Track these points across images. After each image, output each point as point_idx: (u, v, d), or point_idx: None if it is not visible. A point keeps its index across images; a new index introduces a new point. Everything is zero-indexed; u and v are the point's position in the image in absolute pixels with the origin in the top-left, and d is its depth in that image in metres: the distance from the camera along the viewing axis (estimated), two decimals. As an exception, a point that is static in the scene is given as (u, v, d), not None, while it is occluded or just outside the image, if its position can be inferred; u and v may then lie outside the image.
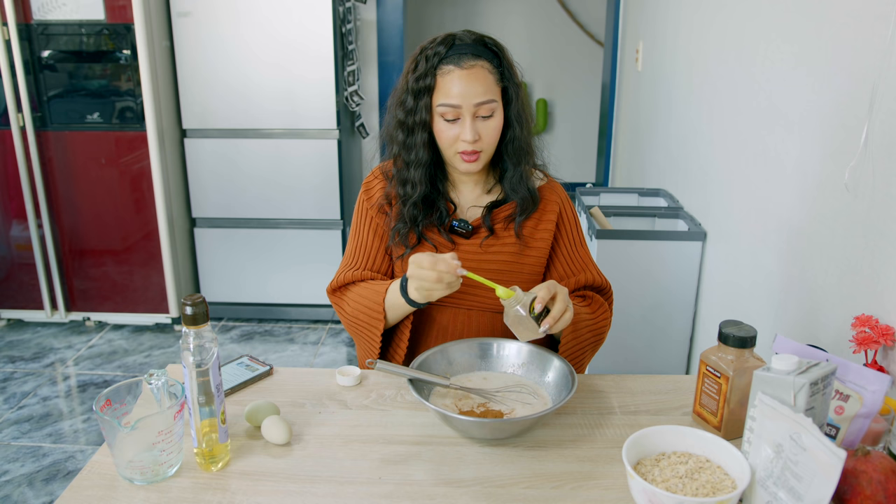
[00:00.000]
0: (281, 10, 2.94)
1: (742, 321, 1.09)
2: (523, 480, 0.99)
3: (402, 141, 1.29)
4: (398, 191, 1.32)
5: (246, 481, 0.98)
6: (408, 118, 1.27)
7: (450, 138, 1.24)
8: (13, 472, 2.21)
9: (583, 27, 5.06)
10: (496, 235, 1.33)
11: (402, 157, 1.31)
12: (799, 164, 1.50)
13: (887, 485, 0.82)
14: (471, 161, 1.25)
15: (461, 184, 1.36)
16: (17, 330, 3.24)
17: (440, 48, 1.22)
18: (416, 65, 1.24)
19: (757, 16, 1.78)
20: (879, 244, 1.17)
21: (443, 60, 1.22)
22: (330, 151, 3.11)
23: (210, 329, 0.96)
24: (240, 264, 3.28)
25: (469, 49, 1.22)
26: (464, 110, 1.21)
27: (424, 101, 1.24)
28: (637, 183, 3.15)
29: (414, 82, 1.24)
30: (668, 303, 2.20)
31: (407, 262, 1.31)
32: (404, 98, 1.27)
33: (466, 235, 1.33)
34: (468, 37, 1.24)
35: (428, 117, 1.25)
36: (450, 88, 1.21)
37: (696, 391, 1.12)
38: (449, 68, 1.21)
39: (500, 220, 1.34)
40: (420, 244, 1.32)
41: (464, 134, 1.22)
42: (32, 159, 2.97)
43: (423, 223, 1.31)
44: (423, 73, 1.23)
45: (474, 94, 1.20)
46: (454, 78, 1.21)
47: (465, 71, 1.20)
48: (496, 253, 1.33)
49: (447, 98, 1.21)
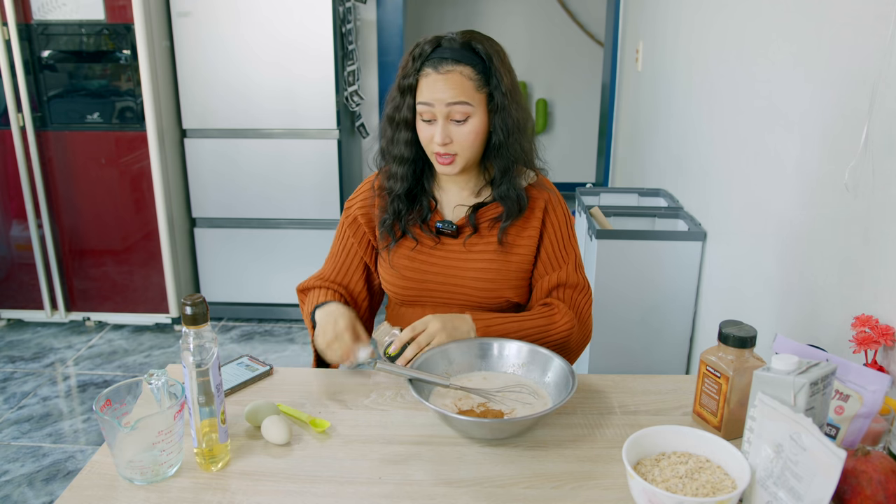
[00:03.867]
0: (281, 10, 2.94)
1: (742, 321, 1.09)
2: (523, 480, 0.99)
3: (389, 136, 1.32)
4: (384, 183, 1.35)
5: (246, 481, 0.98)
6: (394, 114, 1.30)
7: (425, 139, 1.27)
8: (13, 472, 2.21)
9: (583, 27, 5.06)
10: (480, 234, 1.34)
11: (388, 152, 1.34)
12: (799, 164, 1.50)
13: (887, 485, 0.82)
14: (445, 164, 1.27)
15: (448, 183, 1.37)
16: (17, 330, 3.24)
17: (426, 48, 1.25)
18: (406, 63, 1.27)
19: (757, 16, 1.78)
20: (879, 244, 1.17)
21: (425, 62, 1.24)
22: (330, 151, 3.11)
23: (210, 329, 0.96)
24: (240, 264, 3.28)
25: (451, 54, 1.22)
26: (436, 111, 1.23)
27: (408, 100, 1.27)
28: (637, 183, 3.15)
29: (401, 79, 1.27)
30: (667, 303, 2.20)
31: (393, 253, 1.36)
32: (394, 94, 1.30)
33: (454, 235, 1.34)
34: (456, 40, 1.24)
35: (411, 115, 1.28)
36: (425, 90, 1.23)
37: (696, 391, 1.12)
38: (427, 71, 1.23)
39: (486, 220, 1.34)
40: (404, 237, 1.35)
41: (435, 136, 1.24)
42: (32, 159, 2.97)
43: (407, 218, 1.34)
44: (408, 72, 1.25)
45: (446, 97, 1.22)
46: (430, 81, 1.23)
47: (440, 75, 1.22)
48: (480, 252, 1.34)
49: (422, 98, 1.24)
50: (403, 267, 1.35)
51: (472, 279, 1.33)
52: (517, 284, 1.36)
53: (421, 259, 1.35)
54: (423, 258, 1.35)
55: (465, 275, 1.33)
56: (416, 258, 1.35)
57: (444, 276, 1.34)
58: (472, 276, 1.33)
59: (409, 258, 1.35)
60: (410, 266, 1.35)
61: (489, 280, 1.33)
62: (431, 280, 1.35)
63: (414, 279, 1.35)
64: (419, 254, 1.35)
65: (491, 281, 1.33)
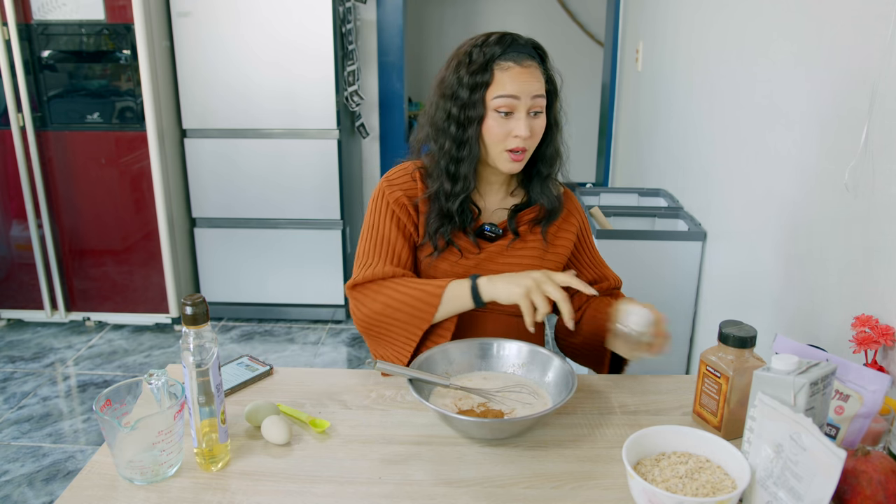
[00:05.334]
0: (281, 10, 2.94)
1: (742, 321, 1.09)
2: (523, 480, 0.99)
3: (454, 135, 1.26)
4: (444, 187, 1.28)
5: (246, 481, 0.98)
6: (462, 112, 1.24)
7: (500, 134, 1.23)
8: (13, 472, 2.21)
9: (583, 27, 5.06)
10: (521, 238, 1.35)
11: (451, 153, 1.27)
12: (799, 164, 1.50)
13: (887, 485, 0.82)
14: (517, 160, 1.25)
15: (487, 186, 1.35)
16: (17, 330, 3.24)
17: (496, 48, 1.22)
18: (471, 60, 1.23)
19: (757, 15, 1.78)
20: (879, 244, 1.17)
21: (500, 56, 1.22)
22: (330, 151, 3.11)
23: (210, 329, 0.96)
24: (240, 264, 3.28)
25: (526, 50, 1.23)
26: (521, 103, 1.21)
27: (480, 95, 1.23)
28: (637, 183, 3.15)
29: (469, 76, 1.22)
30: (668, 303, 2.20)
31: (433, 265, 1.31)
32: (457, 91, 1.24)
33: (494, 239, 1.33)
34: (522, 38, 1.25)
35: (483, 112, 1.24)
36: (508, 82, 1.21)
37: (696, 391, 1.12)
38: (508, 64, 1.21)
39: (525, 223, 1.35)
40: (447, 248, 1.31)
41: (518, 128, 1.22)
42: (32, 159, 2.97)
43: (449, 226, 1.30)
44: (481, 67, 1.22)
45: (532, 90, 1.21)
46: (514, 73, 1.21)
47: (523, 68, 1.21)
48: (520, 256, 1.34)
49: (506, 90, 1.21)
50: (445, 273, 1.32)
51: None
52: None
53: (464, 264, 1.32)
54: (466, 263, 1.32)
55: None
56: (458, 264, 1.32)
57: None
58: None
59: (452, 264, 1.31)
60: (452, 272, 1.32)
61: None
62: None
63: None
64: (463, 260, 1.32)
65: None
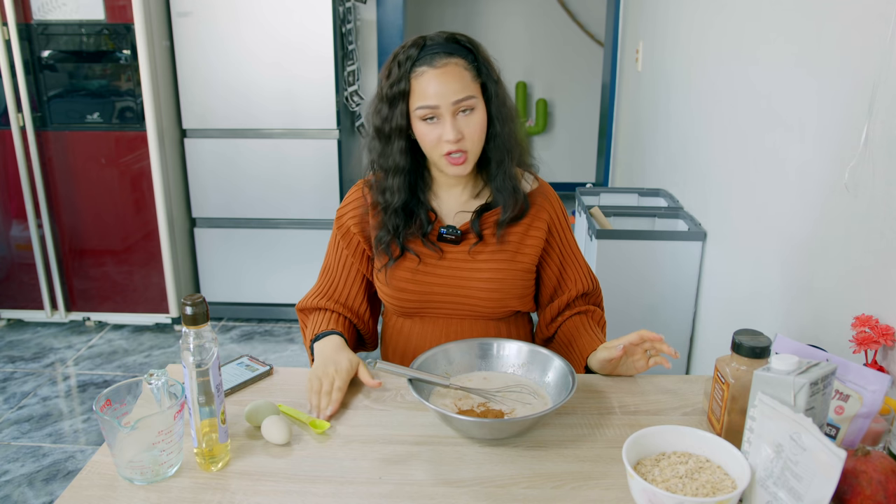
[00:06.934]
0: (281, 10, 2.94)
1: (756, 329, 1.06)
2: (523, 480, 0.99)
3: (379, 149, 1.27)
4: (378, 199, 1.30)
5: (246, 481, 0.98)
6: (384, 125, 1.24)
7: (432, 140, 1.21)
8: (13, 472, 2.21)
9: (583, 27, 5.06)
10: (485, 242, 1.30)
11: (379, 165, 1.29)
12: (799, 164, 1.50)
13: (887, 485, 0.82)
14: (458, 163, 1.22)
15: (445, 190, 1.33)
16: (17, 330, 3.24)
17: (412, 51, 1.20)
18: (390, 72, 1.22)
19: (757, 16, 1.78)
20: (879, 244, 1.17)
21: (415, 63, 1.19)
22: (330, 151, 3.11)
23: (210, 329, 0.96)
24: (240, 264, 3.28)
25: (441, 48, 1.20)
26: (442, 110, 1.19)
27: (400, 108, 1.22)
28: (637, 183, 3.15)
29: (388, 89, 1.22)
30: (667, 303, 2.20)
31: (393, 270, 1.31)
32: (379, 106, 1.25)
33: (455, 241, 1.30)
34: (439, 37, 1.22)
35: (404, 123, 1.23)
36: (425, 89, 1.19)
37: (710, 397, 1.11)
38: (422, 69, 1.19)
39: (490, 224, 1.31)
40: (403, 255, 1.30)
41: (446, 134, 1.19)
42: (32, 159, 2.97)
43: (405, 234, 1.29)
44: (397, 78, 1.21)
45: (451, 93, 1.18)
46: (429, 78, 1.18)
47: (438, 70, 1.18)
48: (486, 260, 1.30)
49: (424, 100, 1.19)
50: (405, 281, 1.31)
51: (479, 289, 1.30)
52: (523, 293, 1.34)
53: (424, 271, 1.30)
54: (426, 270, 1.30)
55: (471, 285, 1.30)
56: (418, 271, 1.30)
57: (450, 286, 1.30)
58: (478, 285, 1.30)
59: (412, 271, 1.30)
60: (412, 279, 1.30)
61: (495, 290, 1.30)
62: (436, 292, 1.31)
63: (417, 292, 1.31)
64: (423, 266, 1.30)
65: (497, 290, 1.30)
